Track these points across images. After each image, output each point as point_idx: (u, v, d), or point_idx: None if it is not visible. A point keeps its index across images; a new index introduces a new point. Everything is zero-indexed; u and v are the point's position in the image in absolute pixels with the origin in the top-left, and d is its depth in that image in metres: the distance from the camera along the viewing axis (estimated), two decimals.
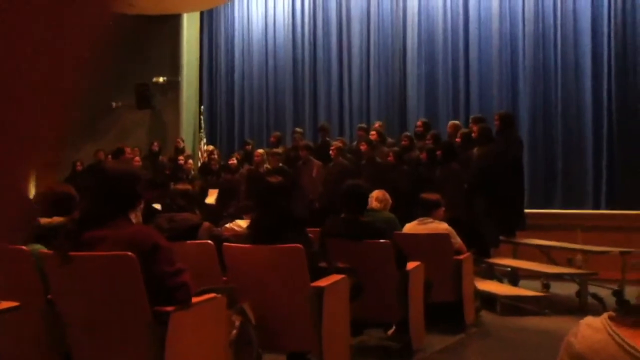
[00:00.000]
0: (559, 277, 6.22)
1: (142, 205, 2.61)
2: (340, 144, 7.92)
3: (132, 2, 9.37)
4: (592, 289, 5.75)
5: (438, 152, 6.93)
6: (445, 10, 10.29)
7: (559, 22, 9.46)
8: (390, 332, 4.38)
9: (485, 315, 5.34)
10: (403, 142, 7.88)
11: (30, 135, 0.32)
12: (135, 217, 2.49)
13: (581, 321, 0.93)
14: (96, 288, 2.42)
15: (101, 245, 2.36)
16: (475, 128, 6.98)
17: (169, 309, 2.32)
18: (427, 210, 4.92)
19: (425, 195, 5.02)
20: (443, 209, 4.99)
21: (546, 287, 6.24)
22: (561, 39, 9.41)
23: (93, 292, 2.42)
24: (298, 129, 9.43)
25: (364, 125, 9.03)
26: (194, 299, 2.46)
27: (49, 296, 2.58)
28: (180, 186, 3.86)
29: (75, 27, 0.32)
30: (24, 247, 2.68)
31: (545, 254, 6.64)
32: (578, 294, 5.76)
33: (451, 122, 8.17)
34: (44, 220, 2.97)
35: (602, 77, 8.98)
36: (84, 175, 8.37)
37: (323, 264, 3.37)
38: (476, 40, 10.07)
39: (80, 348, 2.50)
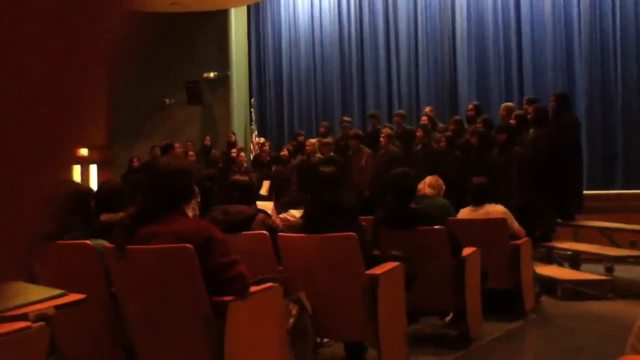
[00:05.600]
0: (622, 260, 6.00)
1: (198, 199, 2.66)
2: (390, 131, 7.84)
3: (177, 1, 9.53)
4: None
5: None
6: None
7: None
8: (447, 319, 4.34)
9: (546, 300, 5.21)
10: (452, 127, 7.73)
11: (58, 135, 0.32)
12: (192, 210, 2.54)
13: None
14: (155, 281, 2.48)
15: (155, 240, 2.41)
16: (530, 109, 6.78)
17: (227, 299, 2.35)
18: (479, 195, 4.83)
19: (476, 180, 4.91)
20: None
21: (609, 270, 6.03)
22: (620, 13, 8.99)
23: (152, 285, 2.48)
24: (346, 118, 9.39)
25: (401, 111, 8.92)
26: (251, 289, 2.50)
27: (112, 289, 2.67)
28: (238, 177, 3.87)
29: (88, 30, 0.31)
30: (88, 242, 2.78)
31: (607, 237, 6.41)
32: None
33: (504, 104, 7.97)
34: (105, 217, 3.08)
35: None
36: (138, 172, 8.61)
37: (376, 252, 3.36)
38: (528, 17, 9.74)
39: (142, 340, 2.57)
